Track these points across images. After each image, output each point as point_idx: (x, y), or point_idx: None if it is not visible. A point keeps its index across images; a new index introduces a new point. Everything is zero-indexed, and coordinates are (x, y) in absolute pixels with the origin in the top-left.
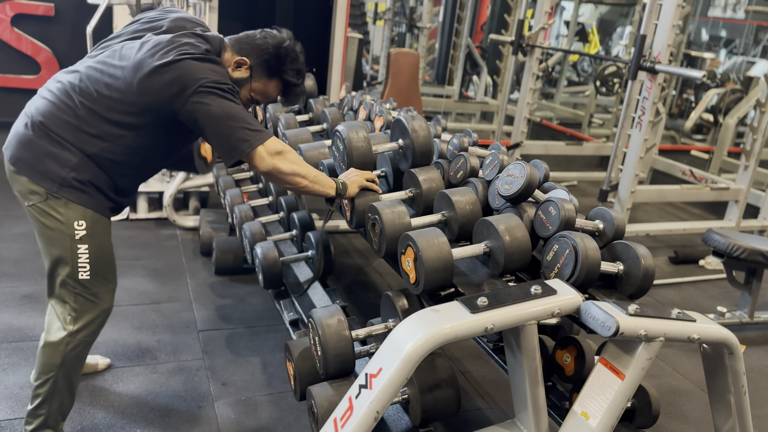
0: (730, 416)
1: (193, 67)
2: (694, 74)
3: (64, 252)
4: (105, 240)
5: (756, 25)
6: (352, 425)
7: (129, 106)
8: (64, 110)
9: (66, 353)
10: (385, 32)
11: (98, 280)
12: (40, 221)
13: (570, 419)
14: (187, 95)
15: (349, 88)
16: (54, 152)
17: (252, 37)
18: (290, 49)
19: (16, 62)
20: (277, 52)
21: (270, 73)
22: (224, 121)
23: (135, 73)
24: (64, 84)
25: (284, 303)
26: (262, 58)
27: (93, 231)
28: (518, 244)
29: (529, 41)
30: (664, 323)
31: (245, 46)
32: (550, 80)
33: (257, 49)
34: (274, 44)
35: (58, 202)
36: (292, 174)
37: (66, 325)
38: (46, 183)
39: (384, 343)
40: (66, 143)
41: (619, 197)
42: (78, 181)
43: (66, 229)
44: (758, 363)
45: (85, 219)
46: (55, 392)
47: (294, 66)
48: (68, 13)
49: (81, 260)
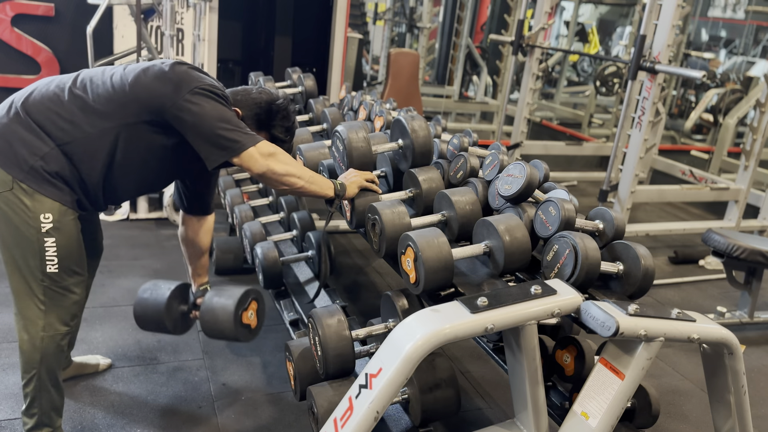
0: (730, 416)
1: (192, 73)
2: (694, 74)
3: (32, 244)
4: (73, 232)
5: (756, 25)
6: (352, 425)
7: (117, 96)
8: (50, 97)
9: (43, 348)
10: (385, 32)
11: (67, 272)
12: (5, 212)
13: (570, 419)
14: (182, 94)
15: (349, 88)
16: (27, 139)
17: (248, 91)
18: (282, 107)
19: (16, 62)
20: (269, 108)
21: (259, 126)
22: (217, 122)
23: (132, 72)
24: (61, 77)
25: (284, 303)
26: (253, 111)
27: (60, 224)
28: (518, 244)
29: (529, 41)
30: (664, 323)
31: (239, 98)
32: (550, 80)
33: (251, 102)
34: (267, 100)
35: (24, 193)
36: (288, 174)
37: (37, 320)
38: (14, 170)
39: (384, 343)
40: (41, 131)
41: (619, 197)
42: (46, 172)
43: (32, 221)
44: (758, 363)
45: (52, 212)
46: (42, 388)
47: (284, 123)
48: (68, 13)
49: (48, 253)
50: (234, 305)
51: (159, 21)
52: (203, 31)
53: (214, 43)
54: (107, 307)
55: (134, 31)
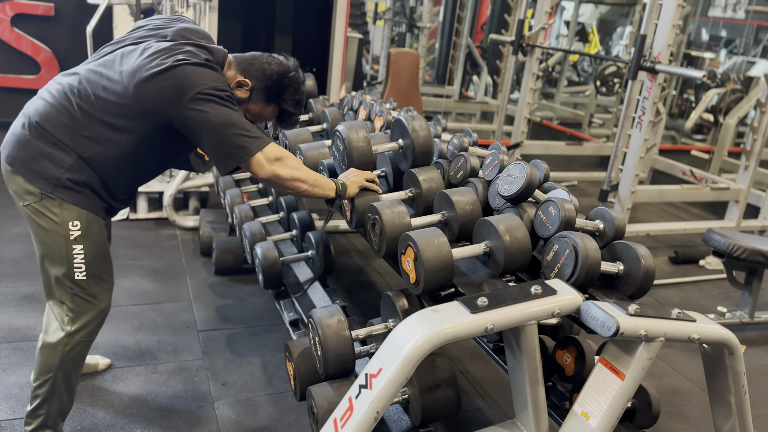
0: (730, 416)
1: (191, 74)
2: (694, 74)
3: (59, 252)
4: (100, 240)
5: (756, 25)
6: (352, 425)
7: (124, 110)
8: (61, 112)
9: (64, 354)
10: (385, 32)
11: (95, 280)
12: (35, 221)
13: (570, 419)
14: (184, 102)
15: (349, 88)
16: (49, 153)
17: (258, 60)
18: (294, 79)
19: (16, 62)
20: (280, 80)
21: (269, 99)
22: (222, 129)
23: (132, 78)
24: (63, 86)
25: (284, 303)
26: (264, 83)
27: (88, 231)
28: (518, 244)
29: (529, 41)
30: (664, 323)
31: (249, 68)
32: (550, 80)
33: (261, 73)
34: (278, 71)
35: (53, 202)
36: (292, 179)
37: (64, 326)
38: (41, 183)
39: (384, 343)
40: (62, 144)
41: (619, 197)
42: (72, 182)
43: (61, 229)
44: (758, 363)
45: (79, 219)
46: (54, 393)
47: (294, 96)
48: (68, 13)
49: (77, 261)
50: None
51: None
52: None
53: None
54: None
55: None
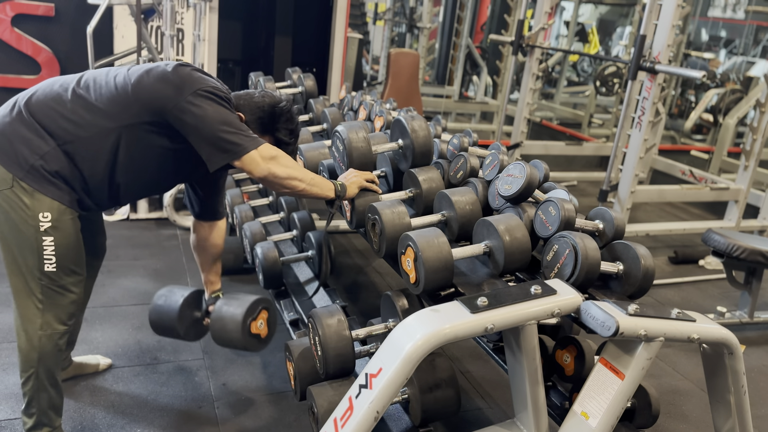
0: (730, 416)
1: (194, 75)
2: (694, 74)
3: (29, 243)
4: (72, 231)
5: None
6: (352, 425)
7: (119, 97)
8: (53, 97)
9: (41, 347)
10: (385, 32)
11: (65, 271)
12: (4, 210)
13: (570, 419)
14: (184, 95)
15: (349, 89)
16: (28, 138)
17: (251, 95)
18: (285, 109)
19: (16, 62)
20: (272, 111)
21: (263, 130)
22: (218, 125)
23: (135, 73)
24: (66, 78)
25: (284, 303)
26: (257, 115)
27: (59, 223)
28: (518, 244)
29: (529, 41)
30: (664, 323)
31: (242, 102)
32: (550, 80)
33: (254, 106)
34: (270, 103)
35: (24, 191)
36: (289, 178)
37: (34, 319)
38: (14, 168)
39: (384, 343)
40: (42, 130)
41: (619, 197)
42: (46, 171)
43: (31, 220)
44: (758, 363)
45: (51, 211)
46: (40, 388)
47: (288, 126)
48: (68, 13)
49: (46, 252)
50: (242, 315)
51: (159, 21)
52: (203, 31)
53: (214, 43)
54: (107, 307)
55: (134, 31)
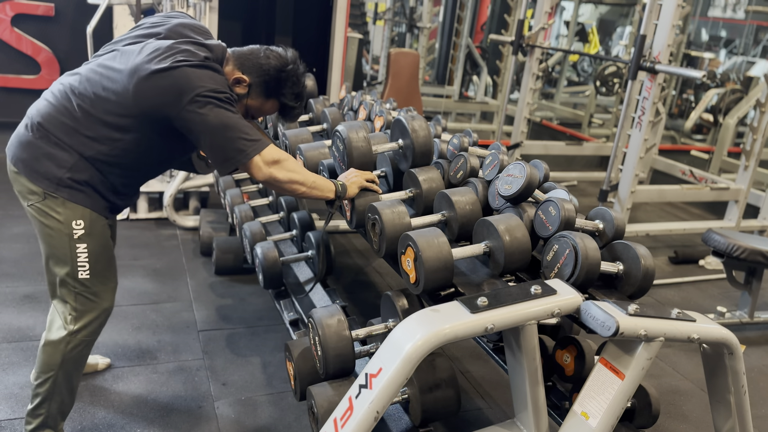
0: (730, 416)
1: (191, 75)
2: (694, 74)
3: (63, 251)
4: (104, 239)
5: (756, 25)
6: (352, 425)
7: (125, 110)
8: (62, 112)
9: (66, 352)
10: (385, 32)
11: (98, 279)
12: (39, 221)
13: (570, 419)
14: (183, 104)
15: (349, 88)
16: (51, 153)
17: (255, 55)
18: (292, 72)
19: (16, 62)
20: (278, 75)
21: (268, 94)
22: (220, 132)
23: (131, 78)
24: (64, 86)
25: (284, 303)
26: (262, 78)
27: (91, 230)
28: (518, 244)
29: (529, 41)
30: (664, 323)
31: (247, 63)
32: (550, 80)
33: (258, 68)
34: (276, 66)
35: (56, 201)
36: (290, 182)
37: (67, 325)
38: (44, 182)
39: (384, 343)
40: (63, 144)
41: (619, 197)
42: (74, 181)
43: (64, 228)
44: (758, 363)
45: (83, 218)
46: (55, 392)
47: (293, 90)
48: (68, 13)
49: (80, 259)
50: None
51: None
52: None
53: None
54: None
55: None
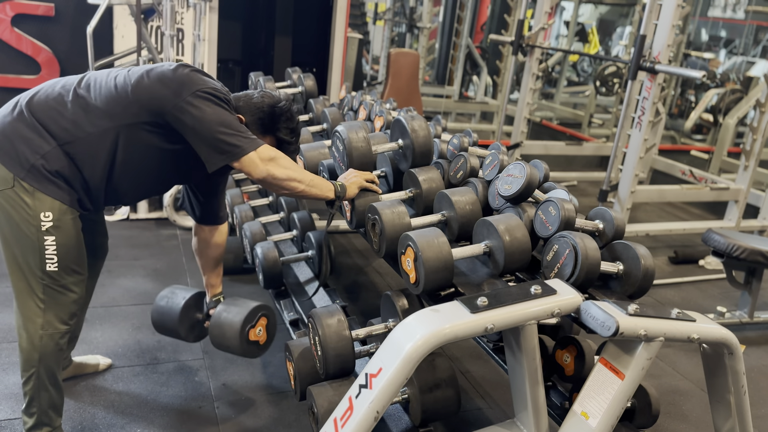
0: (730, 416)
1: (194, 77)
2: (694, 74)
3: (31, 242)
4: (73, 231)
5: (756, 25)
6: (352, 425)
7: (118, 97)
8: (54, 97)
9: (42, 347)
10: (385, 32)
11: (66, 271)
12: (6, 210)
13: (570, 419)
14: (183, 97)
15: (349, 88)
16: (29, 137)
17: (250, 96)
18: (285, 109)
19: (16, 62)
20: (272, 111)
21: (264, 130)
22: (217, 126)
23: (136, 73)
24: (68, 78)
25: (284, 303)
26: (257, 116)
27: (60, 222)
28: (518, 244)
29: (529, 41)
30: (664, 323)
31: (242, 104)
32: (550, 80)
33: (254, 107)
34: (269, 104)
35: (25, 191)
36: (288, 179)
37: (36, 318)
38: (15, 167)
39: (384, 343)
40: (43, 130)
41: (619, 197)
42: (47, 170)
43: (32, 220)
44: (758, 363)
45: (52, 210)
46: (41, 387)
47: (288, 125)
48: (68, 13)
49: (48, 252)
50: (241, 323)
51: (159, 21)
52: (203, 31)
53: (214, 43)
54: (107, 307)
55: (134, 31)
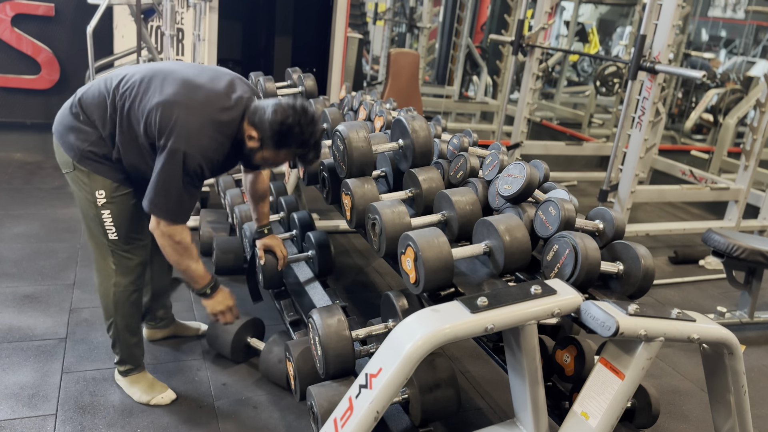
0: (730, 416)
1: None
2: (694, 74)
3: (93, 216)
4: (126, 205)
5: (756, 25)
6: (352, 425)
7: (134, 115)
8: (98, 96)
9: (116, 300)
10: (385, 32)
11: (127, 239)
12: (75, 189)
13: (570, 419)
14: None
15: (349, 88)
16: (78, 127)
17: (263, 110)
18: (294, 124)
19: (16, 62)
20: (280, 128)
21: (278, 146)
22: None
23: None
24: (111, 77)
25: (284, 303)
26: (269, 132)
27: (112, 198)
28: (518, 244)
29: (529, 41)
30: (664, 323)
31: (256, 119)
32: (550, 80)
33: (266, 123)
34: (278, 120)
35: (83, 172)
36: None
37: (111, 277)
38: (72, 153)
39: (384, 343)
40: (90, 121)
41: (619, 197)
42: (94, 154)
43: (90, 197)
44: (758, 363)
45: (104, 188)
46: (119, 333)
47: (300, 138)
48: (68, 13)
49: (107, 223)
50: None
51: (159, 21)
52: (203, 31)
53: (214, 43)
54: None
55: (134, 31)
